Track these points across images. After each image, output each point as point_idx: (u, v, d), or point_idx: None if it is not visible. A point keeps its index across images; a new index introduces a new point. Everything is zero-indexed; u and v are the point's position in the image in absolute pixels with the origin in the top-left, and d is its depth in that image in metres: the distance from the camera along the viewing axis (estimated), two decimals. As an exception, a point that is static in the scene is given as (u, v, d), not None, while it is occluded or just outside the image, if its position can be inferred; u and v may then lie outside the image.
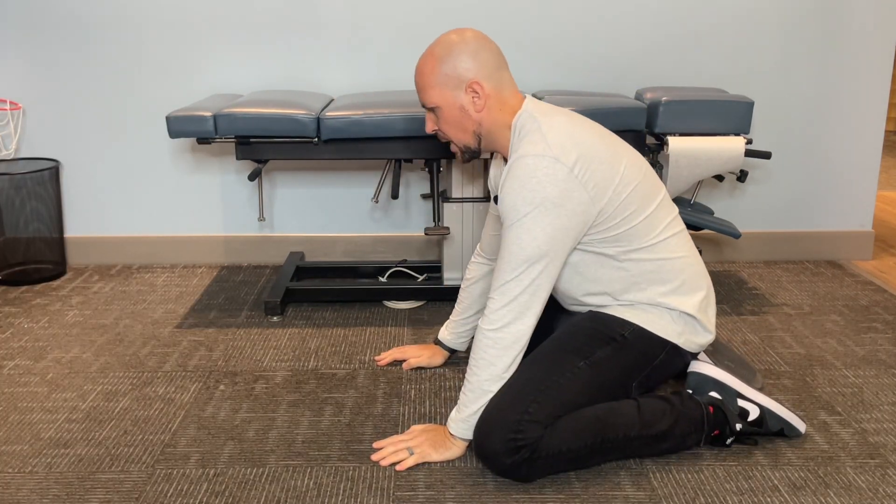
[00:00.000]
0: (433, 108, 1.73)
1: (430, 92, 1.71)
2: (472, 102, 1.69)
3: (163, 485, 1.63)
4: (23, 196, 2.75)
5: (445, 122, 1.74)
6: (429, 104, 1.74)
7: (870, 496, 1.59)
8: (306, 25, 2.78)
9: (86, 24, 2.76)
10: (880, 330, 2.38)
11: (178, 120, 2.33)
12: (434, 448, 1.70)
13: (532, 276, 1.61)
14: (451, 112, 1.71)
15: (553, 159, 1.59)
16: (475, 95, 1.68)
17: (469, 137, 1.74)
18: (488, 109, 1.70)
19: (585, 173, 1.60)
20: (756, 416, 1.73)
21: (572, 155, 1.60)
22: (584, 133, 1.65)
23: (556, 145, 1.60)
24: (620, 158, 1.67)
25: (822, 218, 3.03)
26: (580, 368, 1.67)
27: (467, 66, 1.67)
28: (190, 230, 2.98)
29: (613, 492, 1.60)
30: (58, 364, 2.17)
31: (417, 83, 1.74)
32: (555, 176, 1.58)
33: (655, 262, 1.71)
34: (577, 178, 1.59)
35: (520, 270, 1.61)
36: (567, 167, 1.59)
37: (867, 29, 2.83)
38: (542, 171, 1.58)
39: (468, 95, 1.69)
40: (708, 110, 2.38)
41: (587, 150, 1.62)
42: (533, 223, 1.59)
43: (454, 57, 1.67)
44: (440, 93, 1.70)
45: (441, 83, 1.69)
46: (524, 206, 1.59)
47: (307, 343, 2.30)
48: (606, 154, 1.64)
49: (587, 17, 2.79)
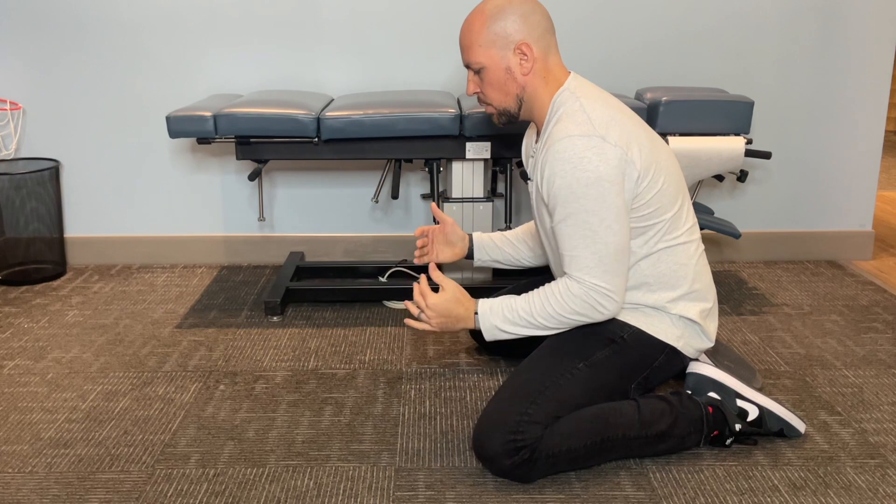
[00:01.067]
0: (478, 68, 1.69)
1: (477, 51, 1.67)
2: (520, 65, 1.67)
3: (163, 485, 1.63)
4: (23, 196, 2.75)
5: (489, 83, 1.70)
6: (474, 64, 1.69)
7: (870, 496, 1.59)
8: (306, 25, 2.78)
9: (86, 24, 2.76)
10: (880, 330, 2.38)
11: (178, 120, 2.33)
12: (441, 328, 1.74)
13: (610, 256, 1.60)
14: (497, 73, 1.68)
15: (600, 138, 1.58)
16: (523, 58, 1.66)
17: (511, 101, 1.71)
18: (534, 74, 1.68)
19: (632, 151, 1.60)
20: (755, 416, 1.73)
21: (616, 133, 1.60)
22: (624, 117, 1.65)
23: (601, 125, 1.60)
24: (656, 147, 1.67)
25: (822, 218, 3.02)
26: (579, 369, 1.67)
27: (517, 27, 1.65)
28: (190, 230, 2.98)
29: (613, 492, 1.60)
30: (58, 364, 2.17)
31: (463, 41, 1.70)
32: (605, 154, 1.57)
33: (671, 266, 1.71)
34: (626, 155, 1.59)
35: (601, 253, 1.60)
36: (614, 145, 1.58)
37: (867, 29, 2.83)
38: (592, 151, 1.57)
39: (516, 57, 1.66)
40: (708, 110, 2.38)
41: (629, 132, 1.62)
42: (596, 204, 1.58)
43: (505, 16, 1.64)
44: (487, 52, 1.67)
45: (489, 42, 1.66)
46: (580, 187, 1.57)
47: (307, 343, 2.30)
48: (645, 140, 1.65)
49: (587, 17, 2.79)
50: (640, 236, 1.68)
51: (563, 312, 1.65)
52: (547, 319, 1.66)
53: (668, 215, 1.67)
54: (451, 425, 1.85)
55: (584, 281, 1.62)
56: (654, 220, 1.67)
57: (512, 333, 1.70)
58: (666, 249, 1.70)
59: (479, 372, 2.11)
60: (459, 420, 1.87)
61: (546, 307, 1.66)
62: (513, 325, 1.69)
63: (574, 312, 1.65)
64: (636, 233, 1.67)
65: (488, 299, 1.74)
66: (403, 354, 2.22)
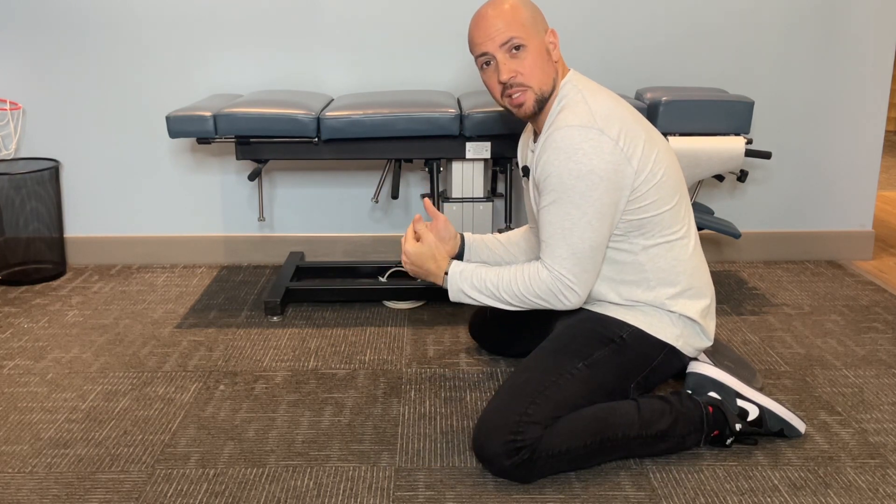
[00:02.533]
0: (520, 46, 1.67)
1: (525, 29, 1.67)
2: (554, 48, 1.71)
3: (163, 485, 1.63)
4: (23, 196, 2.75)
5: (532, 63, 1.68)
6: (520, 40, 1.67)
7: (870, 496, 1.59)
8: (306, 25, 2.78)
9: (86, 24, 2.76)
10: (880, 330, 2.38)
11: (178, 120, 2.33)
12: (413, 273, 1.86)
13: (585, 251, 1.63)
14: (540, 52, 1.69)
15: (598, 131, 1.60)
16: (552, 44, 1.71)
17: (549, 83, 1.71)
18: (559, 63, 1.73)
19: (629, 146, 1.62)
20: (755, 416, 1.73)
21: (616, 127, 1.61)
22: (625, 111, 1.67)
23: (601, 117, 1.61)
24: (655, 143, 1.68)
25: (822, 218, 3.02)
26: (579, 369, 1.67)
27: (542, 15, 1.72)
28: (190, 230, 2.98)
29: (613, 492, 1.60)
30: (58, 364, 2.17)
31: (505, 20, 1.67)
32: (601, 148, 1.59)
33: (670, 262, 1.71)
34: (622, 151, 1.61)
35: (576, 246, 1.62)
36: (612, 140, 1.60)
37: (867, 29, 2.83)
38: (588, 143, 1.59)
39: (549, 40, 1.71)
40: (708, 110, 2.38)
41: (629, 127, 1.64)
42: (581, 198, 1.59)
43: (532, 4, 1.71)
44: (530, 30, 1.68)
45: (531, 21, 1.68)
46: (570, 178, 1.59)
47: (307, 343, 2.30)
48: (645, 134, 1.66)
49: (587, 16, 2.79)
50: (638, 230, 1.68)
51: (526, 294, 1.69)
52: (511, 297, 1.72)
53: (666, 208, 1.68)
54: (451, 425, 1.85)
55: (554, 270, 1.65)
56: (652, 212, 1.67)
57: (475, 300, 1.77)
58: (664, 244, 1.70)
59: (479, 372, 2.11)
60: (459, 420, 1.87)
61: (512, 285, 1.70)
62: (478, 293, 1.75)
63: (537, 296, 1.68)
64: (634, 226, 1.68)
65: (461, 262, 1.80)
66: (403, 354, 2.22)
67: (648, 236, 1.69)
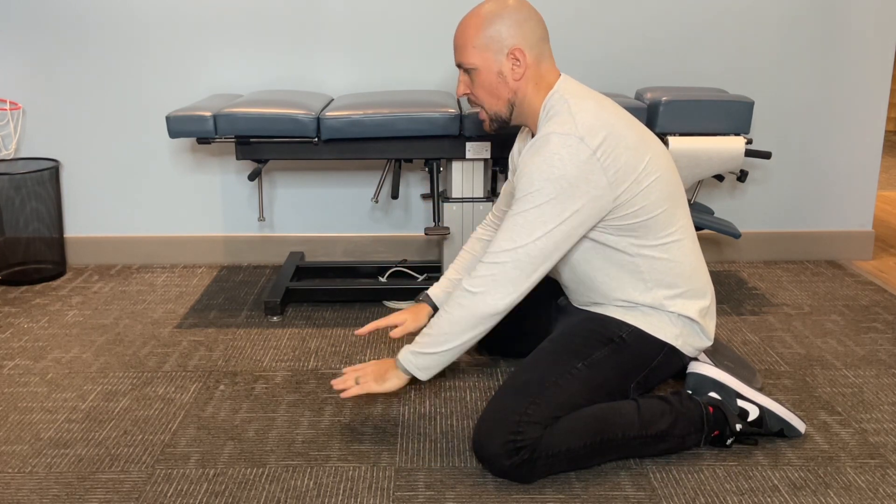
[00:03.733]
0: (470, 69, 1.70)
1: (471, 52, 1.68)
2: (512, 70, 1.68)
3: (163, 485, 1.63)
4: (23, 196, 2.75)
5: (480, 86, 1.71)
6: (466, 64, 1.70)
7: (870, 496, 1.59)
8: (306, 25, 2.78)
9: (86, 24, 2.76)
10: (880, 330, 2.38)
11: (178, 120, 2.33)
12: (376, 380, 1.73)
13: (531, 253, 1.61)
14: (489, 76, 1.69)
15: (578, 139, 1.59)
16: (515, 63, 1.68)
17: (502, 105, 1.72)
18: (525, 80, 1.69)
19: (608, 157, 1.60)
20: (756, 416, 1.73)
21: (598, 137, 1.60)
22: (612, 118, 1.65)
23: (583, 125, 1.61)
24: (647, 148, 1.67)
25: (822, 218, 3.02)
26: (578, 369, 1.67)
27: (512, 31, 1.66)
28: (190, 230, 2.98)
29: (613, 492, 1.60)
30: (58, 364, 2.17)
31: (458, 41, 1.70)
32: (577, 156, 1.58)
33: (667, 263, 1.71)
34: (598, 161, 1.59)
35: (519, 244, 1.60)
36: (590, 149, 1.59)
37: (867, 29, 2.83)
38: (565, 150, 1.58)
39: (508, 62, 1.68)
40: (708, 110, 2.38)
41: (614, 134, 1.62)
42: (545, 200, 1.59)
43: (501, 20, 1.66)
44: (481, 54, 1.68)
45: (483, 45, 1.67)
46: (540, 180, 1.59)
47: (307, 343, 2.30)
48: (633, 140, 1.64)
49: (587, 16, 2.79)
50: (631, 233, 1.68)
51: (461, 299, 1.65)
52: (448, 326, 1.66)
53: (657, 211, 1.67)
54: (451, 425, 1.85)
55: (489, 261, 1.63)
56: (642, 216, 1.66)
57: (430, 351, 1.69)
58: (659, 247, 1.70)
59: (479, 372, 2.11)
60: (459, 420, 1.87)
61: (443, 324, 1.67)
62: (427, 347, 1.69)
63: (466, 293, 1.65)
64: (625, 230, 1.67)
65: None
66: (403, 354, 2.22)
67: (643, 239, 1.69)
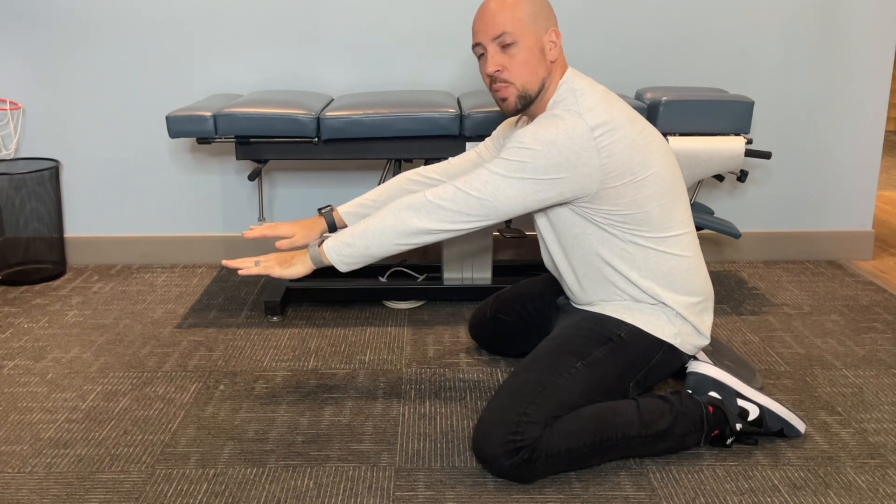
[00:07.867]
0: (510, 43, 1.67)
1: (520, 25, 1.66)
2: (550, 49, 1.69)
3: (163, 485, 1.63)
4: (23, 196, 2.75)
5: (521, 60, 1.67)
6: (510, 34, 1.66)
7: (870, 496, 1.59)
8: (306, 25, 2.78)
9: (86, 24, 2.76)
10: (880, 330, 2.38)
11: (178, 120, 2.33)
12: (280, 264, 1.73)
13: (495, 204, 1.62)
14: (531, 51, 1.67)
15: (577, 115, 1.61)
16: (552, 43, 1.69)
17: (536, 83, 1.70)
18: (556, 63, 1.71)
19: (604, 140, 1.61)
20: (756, 415, 1.73)
21: (598, 119, 1.61)
22: (616, 108, 1.66)
23: (585, 106, 1.63)
24: (647, 142, 1.67)
25: (822, 218, 3.02)
26: (577, 369, 1.67)
27: (549, 13, 1.70)
28: (190, 230, 2.98)
29: (613, 492, 1.60)
30: (58, 364, 2.17)
31: (498, 16, 1.66)
32: (574, 130, 1.59)
33: (663, 256, 1.70)
34: (594, 140, 1.60)
35: (488, 192, 1.62)
36: (588, 126, 1.60)
37: (867, 29, 2.83)
38: (562, 123, 1.60)
39: (549, 40, 1.69)
40: (708, 110, 2.38)
41: (615, 121, 1.63)
42: (530, 157, 1.60)
43: (545, 2, 1.70)
44: (530, 29, 1.66)
45: (530, 17, 1.66)
46: (530, 139, 1.60)
47: (307, 343, 2.30)
48: (633, 133, 1.65)
49: (587, 16, 2.79)
50: (624, 223, 1.68)
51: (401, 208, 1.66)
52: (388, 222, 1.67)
53: (651, 205, 1.67)
54: (451, 425, 1.85)
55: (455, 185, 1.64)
56: (639, 208, 1.66)
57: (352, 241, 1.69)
58: (657, 239, 1.70)
59: (479, 372, 2.11)
60: (459, 420, 1.87)
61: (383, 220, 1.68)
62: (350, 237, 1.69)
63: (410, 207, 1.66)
64: (618, 217, 1.67)
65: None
66: (403, 354, 2.22)
67: (636, 233, 1.69)
